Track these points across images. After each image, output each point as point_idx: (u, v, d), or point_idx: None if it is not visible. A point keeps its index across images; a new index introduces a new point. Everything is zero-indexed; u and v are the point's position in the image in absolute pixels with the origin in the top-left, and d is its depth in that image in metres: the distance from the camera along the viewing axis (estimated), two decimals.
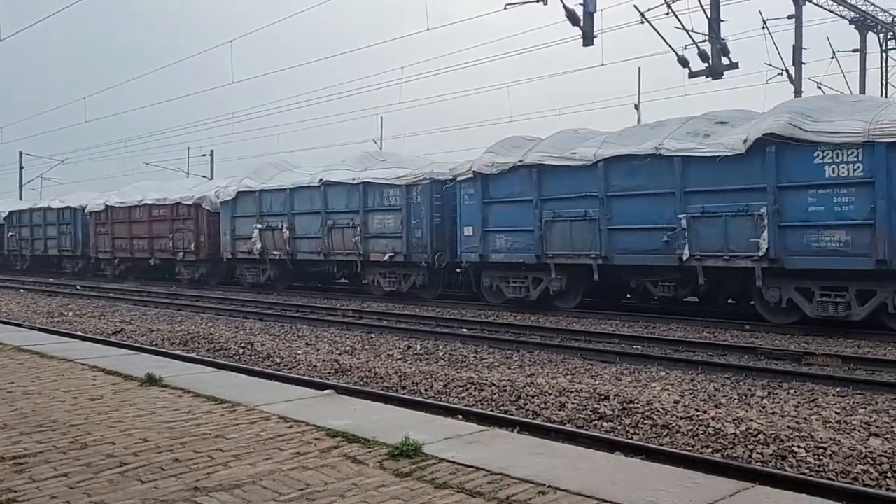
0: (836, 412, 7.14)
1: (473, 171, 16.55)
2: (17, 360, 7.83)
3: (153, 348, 11.34)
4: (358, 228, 19.37)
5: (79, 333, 13.12)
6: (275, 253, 21.90)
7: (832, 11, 22.63)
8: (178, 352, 11.16)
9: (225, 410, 5.44)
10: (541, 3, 16.13)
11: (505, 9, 16.90)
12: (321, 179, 20.44)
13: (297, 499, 3.56)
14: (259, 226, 22.17)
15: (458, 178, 17.06)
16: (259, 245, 22.10)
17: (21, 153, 52.71)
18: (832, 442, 5.92)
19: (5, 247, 36.49)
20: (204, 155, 48.81)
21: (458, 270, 18.48)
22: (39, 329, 12.95)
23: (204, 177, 42.91)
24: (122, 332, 13.85)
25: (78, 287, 25.64)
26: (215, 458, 4.22)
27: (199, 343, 12.31)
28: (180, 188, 27.85)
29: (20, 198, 48.16)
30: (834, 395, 7.96)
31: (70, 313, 17.44)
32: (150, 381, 6.47)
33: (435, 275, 18.60)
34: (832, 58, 23.18)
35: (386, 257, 18.80)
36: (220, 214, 24.12)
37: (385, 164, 20.23)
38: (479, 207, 16.55)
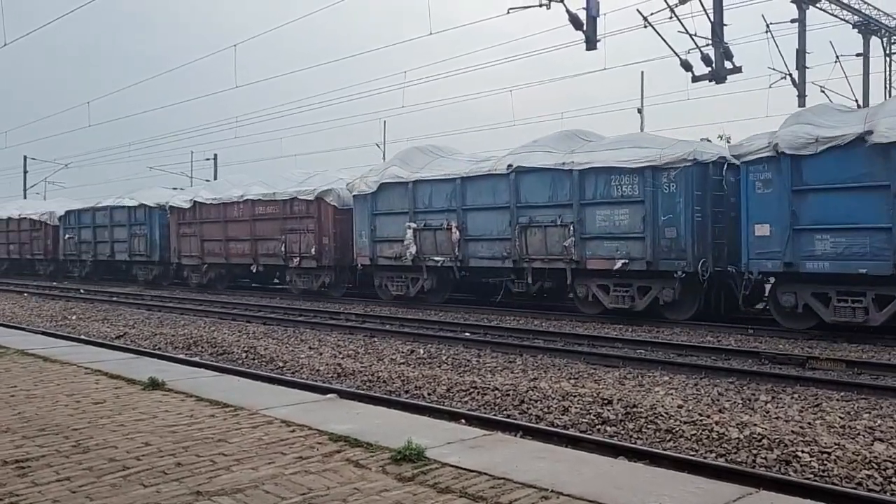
0: (840, 417, 7.12)
1: (776, 150, 12.53)
2: (20, 364, 7.84)
3: (156, 352, 11.35)
4: (570, 227, 15.32)
5: (82, 337, 13.15)
6: (436, 259, 17.91)
7: (836, 16, 22.60)
8: (181, 356, 11.18)
9: (227, 414, 5.44)
10: (544, 7, 16.14)
11: (508, 13, 16.88)
12: (511, 165, 16.40)
13: (300, 503, 3.56)
14: (413, 225, 18.26)
15: (746, 159, 13.03)
16: (413, 249, 18.17)
17: (25, 157, 52.91)
18: (836, 447, 5.89)
19: (61, 251, 32.45)
20: (207, 159, 48.94)
21: (733, 283, 13.87)
22: (43, 333, 12.97)
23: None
24: (126, 336, 13.86)
25: (81, 291, 25.69)
26: (218, 462, 4.22)
27: (202, 347, 12.32)
28: (289, 181, 22.96)
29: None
30: (838, 400, 7.93)
31: (73, 317, 17.47)
32: (153, 385, 6.47)
33: (691, 287, 14.13)
34: (836, 62, 23.13)
35: (618, 265, 14.64)
36: (351, 211, 20.10)
37: (604, 143, 16.15)
38: (784, 198, 12.51)
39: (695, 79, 17.95)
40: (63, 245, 32.32)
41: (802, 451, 5.83)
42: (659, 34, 17.75)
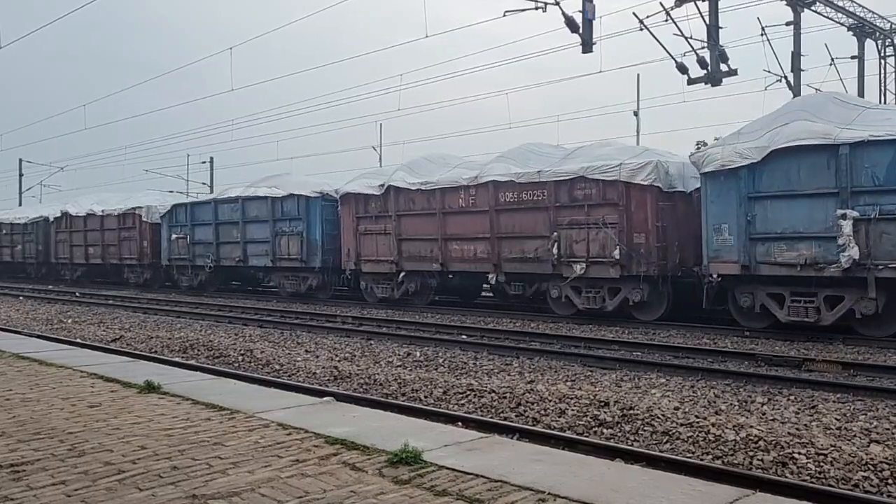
0: (836, 419, 7.13)
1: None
2: (15, 368, 7.81)
3: (152, 355, 11.31)
4: None
5: (78, 341, 13.09)
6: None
7: (830, 18, 22.68)
8: (177, 359, 11.16)
9: (224, 418, 5.42)
10: (540, 10, 16.18)
11: (504, 16, 16.94)
12: None
13: None
14: (854, 213, 11.72)
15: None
16: (855, 250, 11.64)
17: (21, 160, 52.82)
18: (833, 448, 5.90)
19: (165, 255, 26.60)
20: (203, 162, 48.88)
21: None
22: (38, 336, 12.93)
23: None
24: (122, 340, 13.82)
25: (77, 294, 25.61)
26: (214, 465, 4.20)
27: (198, 350, 12.29)
28: (544, 156, 17.16)
29: (20, 205, 48.07)
30: (834, 402, 7.94)
31: (69, 320, 17.42)
32: (149, 388, 6.45)
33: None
34: (831, 64, 23.26)
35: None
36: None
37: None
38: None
39: (690, 81, 18.02)
40: (169, 247, 26.30)
41: (799, 453, 5.84)
42: (655, 37, 17.82)
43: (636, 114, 32.62)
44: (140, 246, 27.75)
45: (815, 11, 21.79)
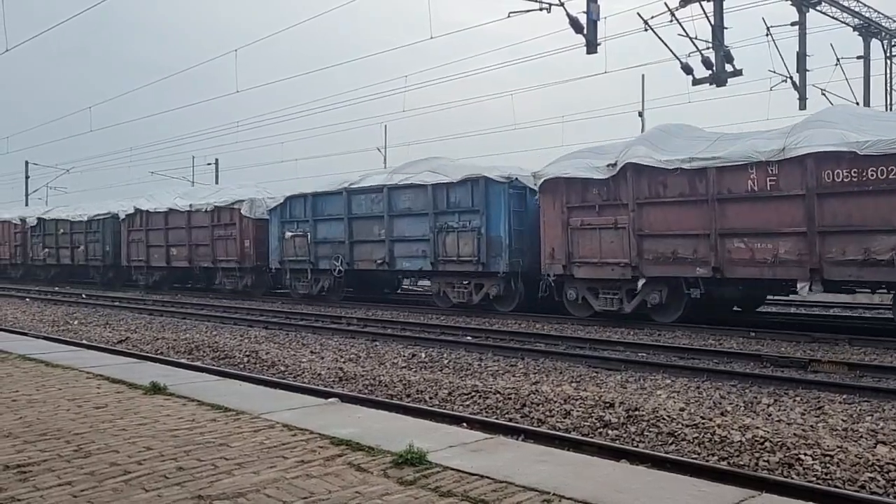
0: (842, 420, 7.11)
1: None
2: (22, 369, 7.84)
3: (158, 357, 11.35)
4: None
5: (84, 342, 13.12)
6: None
7: (836, 18, 22.62)
8: (182, 360, 11.18)
9: (229, 419, 5.44)
10: (544, 11, 16.18)
11: (508, 16, 16.94)
12: None
13: None
14: None
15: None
16: None
17: (27, 162, 53.03)
18: (839, 450, 5.88)
19: (275, 257, 22.41)
20: (209, 164, 48.99)
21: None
22: (45, 338, 12.98)
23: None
24: (128, 341, 13.86)
25: (83, 295, 25.67)
26: (219, 466, 4.21)
27: (203, 351, 12.31)
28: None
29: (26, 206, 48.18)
30: (840, 403, 7.91)
31: (75, 322, 17.48)
32: (155, 389, 6.47)
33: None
34: (836, 65, 23.17)
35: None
36: None
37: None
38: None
39: (695, 82, 17.99)
40: (280, 248, 22.17)
41: (805, 454, 5.82)
42: (660, 37, 17.79)
43: (641, 114, 32.61)
44: (240, 246, 23.55)
45: (821, 11, 21.73)
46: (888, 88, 25.15)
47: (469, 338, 13.50)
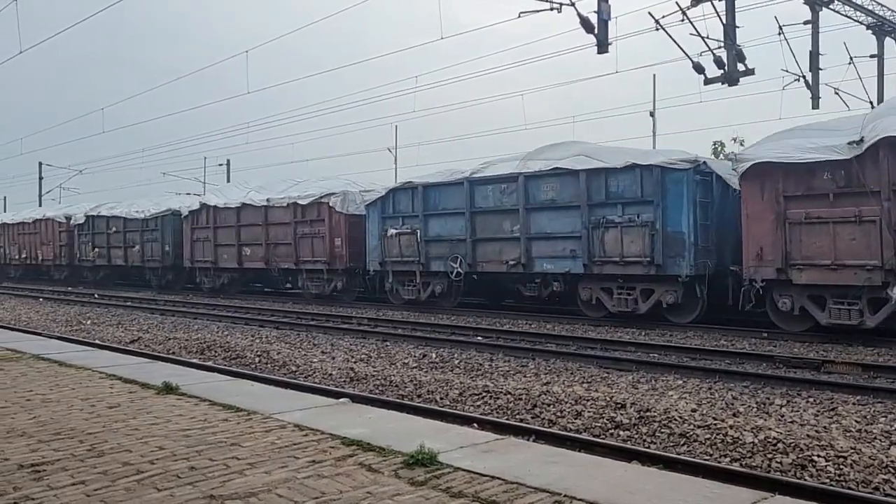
0: (856, 421, 7.06)
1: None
2: (35, 369, 7.90)
3: (170, 357, 11.40)
4: None
5: (97, 342, 13.22)
6: None
7: (849, 17, 22.44)
8: (194, 360, 11.23)
9: (241, 419, 5.46)
10: (555, 11, 16.13)
11: (519, 17, 16.90)
12: None
13: None
14: None
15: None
16: None
17: (41, 163, 53.40)
18: (852, 451, 5.84)
19: (374, 257, 19.63)
20: (220, 165, 49.16)
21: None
22: (58, 338, 13.07)
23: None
24: (140, 341, 13.94)
25: (96, 295, 25.82)
26: (231, 466, 4.23)
27: (215, 351, 12.37)
28: None
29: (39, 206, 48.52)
30: (854, 404, 7.86)
31: (88, 322, 17.59)
32: (167, 389, 6.50)
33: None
34: (850, 63, 22.98)
35: None
36: None
37: None
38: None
39: (707, 81, 17.87)
40: (381, 247, 19.36)
41: (818, 456, 5.78)
42: (671, 37, 17.69)
43: (652, 114, 32.52)
44: (329, 245, 20.95)
45: (834, 10, 21.56)
46: None
47: (479, 338, 13.49)
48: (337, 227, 20.92)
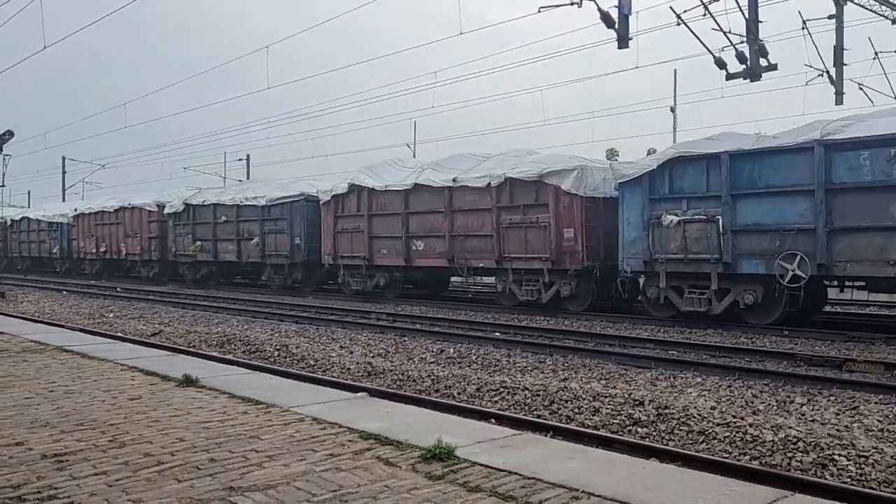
0: (878, 420, 6.97)
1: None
2: (59, 360, 8.01)
3: (190, 350, 11.51)
4: None
5: (119, 335, 13.38)
6: None
7: (874, 11, 22.10)
8: (214, 353, 11.32)
9: (260, 412, 5.50)
10: (575, 5, 16.03)
11: (539, 12, 16.81)
12: None
13: (330, 500, 3.58)
14: None
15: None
16: None
17: (64, 158, 54.00)
18: (874, 450, 5.78)
19: (635, 250, 14.84)
20: (240, 159, 49.40)
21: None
22: (81, 330, 13.23)
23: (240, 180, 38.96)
24: (161, 334, 14.08)
25: (118, 289, 26.07)
26: (250, 458, 4.26)
27: (235, 345, 12.46)
28: None
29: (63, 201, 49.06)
30: (876, 403, 7.76)
31: (110, 315, 17.79)
32: (188, 381, 6.56)
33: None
34: (874, 58, 22.66)
35: None
36: None
37: None
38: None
39: (729, 76, 17.69)
40: (650, 239, 14.55)
41: (839, 455, 5.72)
42: (692, 32, 17.52)
43: (673, 110, 32.25)
44: (555, 237, 16.19)
45: (858, 4, 21.26)
46: None
47: (497, 334, 13.48)
48: (566, 213, 16.11)
